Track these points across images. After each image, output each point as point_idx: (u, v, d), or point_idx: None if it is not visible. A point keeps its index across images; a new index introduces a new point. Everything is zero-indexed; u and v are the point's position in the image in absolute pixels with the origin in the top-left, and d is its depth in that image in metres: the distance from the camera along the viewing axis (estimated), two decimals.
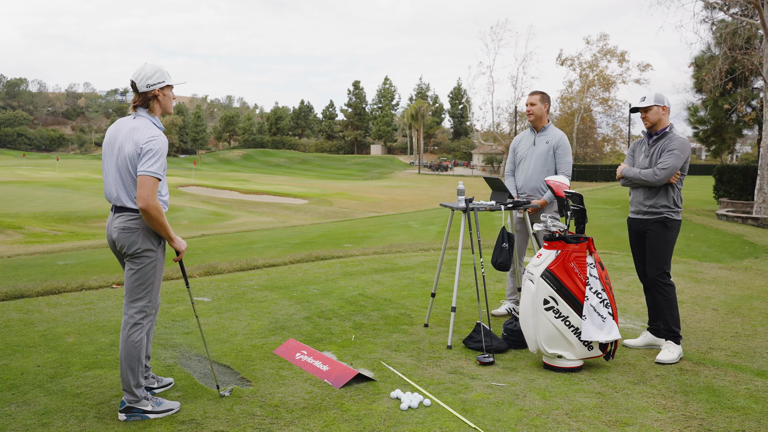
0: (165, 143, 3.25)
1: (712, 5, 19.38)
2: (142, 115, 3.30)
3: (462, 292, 6.39)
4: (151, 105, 3.31)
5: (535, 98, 5.37)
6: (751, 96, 24.62)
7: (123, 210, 3.27)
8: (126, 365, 3.30)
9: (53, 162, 76.80)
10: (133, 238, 3.25)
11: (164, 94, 3.34)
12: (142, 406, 3.32)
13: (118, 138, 3.26)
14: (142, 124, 3.24)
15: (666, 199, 4.44)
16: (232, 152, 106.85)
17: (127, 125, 3.27)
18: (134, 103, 3.32)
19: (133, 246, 3.26)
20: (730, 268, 8.41)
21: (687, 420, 3.33)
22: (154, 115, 3.34)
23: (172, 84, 3.38)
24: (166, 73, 3.34)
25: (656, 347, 4.66)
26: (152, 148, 3.16)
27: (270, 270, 7.67)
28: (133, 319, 3.33)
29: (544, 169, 5.34)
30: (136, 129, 3.22)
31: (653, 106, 4.43)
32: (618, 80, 61.51)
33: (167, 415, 3.34)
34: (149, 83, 3.27)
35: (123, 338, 3.33)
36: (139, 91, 3.28)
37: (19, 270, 9.52)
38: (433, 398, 3.59)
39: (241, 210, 34.06)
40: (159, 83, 3.30)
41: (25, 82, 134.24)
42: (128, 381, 3.30)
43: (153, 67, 3.30)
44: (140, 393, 3.33)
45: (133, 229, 3.25)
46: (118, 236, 3.27)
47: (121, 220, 3.27)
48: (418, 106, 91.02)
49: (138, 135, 3.19)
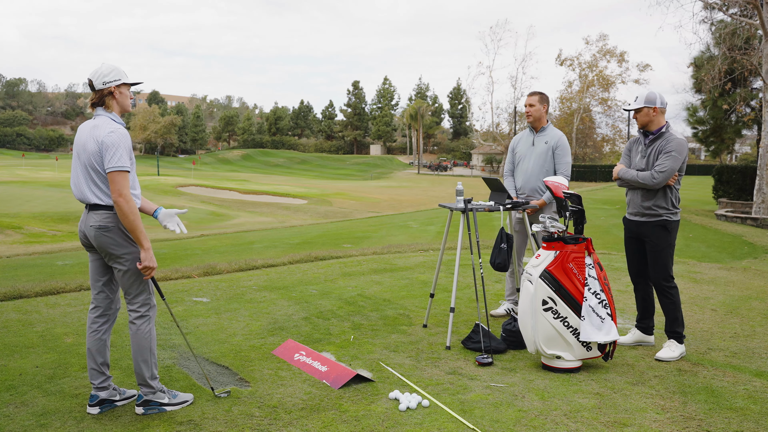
0: (124, 136, 3.28)
1: (712, 6, 19.40)
2: (100, 113, 3.36)
3: (461, 293, 6.39)
4: (107, 102, 3.36)
5: (534, 99, 5.37)
6: (750, 96, 24.65)
7: (96, 208, 3.31)
8: (139, 359, 3.37)
9: (52, 162, 76.78)
10: (110, 237, 3.28)
11: (120, 92, 3.39)
12: (158, 399, 3.39)
13: (81, 138, 3.33)
14: (100, 122, 3.31)
15: (664, 201, 4.43)
16: (232, 152, 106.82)
17: (89, 125, 3.35)
18: (92, 101, 3.39)
19: (113, 248, 3.29)
20: (729, 268, 8.41)
21: (685, 421, 3.33)
22: (112, 111, 3.39)
23: (128, 83, 3.43)
24: (123, 72, 3.41)
25: (645, 345, 4.70)
26: (112, 142, 3.20)
27: (269, 270, 7.67)
28: (137, 313, 3.40)
29: (543, 169, 5.34)
30: (95, 127, 3.29)
31: (643, 108, 4.41)
32: (617, 80, 61.58)
33: (183, 407, 3.42)
34: (105, 81, 3.33)
35: (132, 334, 3.39)
36: (95, 89, 3.34)
37: (17, 270, 9.52)
38: (431, 399, 3.59)
39: (240, 210, 34.05)
40: (114, 81, 3.35)
41: (25, 82, 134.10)
42: (143, 374, 3.37)
43: (109, 67, 3.37)
44: (156, 385, 3.40)
45: (108, 227, 3.28)
46: (95, 236, 3.30)
47: (96, 218, 3.30)
48: (418, 106, 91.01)
49: (97, 132, 3.25)
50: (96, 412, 3.35)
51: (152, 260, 3.32)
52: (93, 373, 3.41)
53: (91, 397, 3.39)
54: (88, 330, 3.46)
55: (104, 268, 3.45)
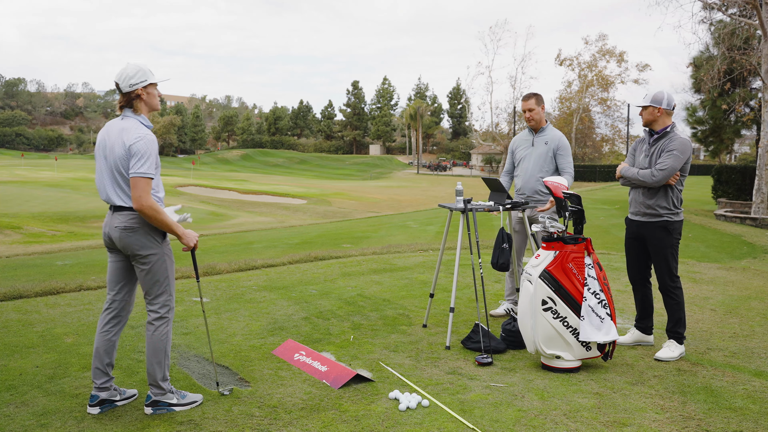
0: (153, 142, 3.28)
1: (711, 6, 19.41)
2: (128, 115, 3.34)
3: (460, 293, 6.40)
4: (135, 104, 3.34)
5: (531, 103, 5.34)
6: (750, 96, 24.66)
7: (122, 209, 3.30)
8: (153, 360, 3.38)
9: (52, 162, 76.72)
10: (135, 238, 3.28)
11: (148, 93, 3.37)
12: (167, 400, 3.40)
13: (108, 140, 3.30)
14: (129, 125, 3.28)
15: (665, 201, 4.43)
16: (231, 152, 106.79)
17: (116, 127, 3.32)
18: (120, 104, 3.36)
19: (138, 248, 3.29)
20: (728, 268, 8.42)
21: (685, 420, 3.34)
22: (141, 113, 3.37)
23: (155, 82, 3.41)
24: (149, 71, 3.38)
25: (644, 345, 4.70)
26: (139, 149, 3.19)
27: (269, 270, 7.67)
28: (157, 314, 3.41)
29: (542, 170, 5.34)
30: (124, 130, 3.26)
31: (648, 106, 4.43)
32: (617, 80, 61.52)
33: (192, 407, 3.43)
34: (132, 83, 3.31)
35: (149, 334, 3.39)
36: (123, 92, 3.32)
37: (17, 270, 9.51)
38: (431, 399, 3.59)
39: (239, 210, 34.04)
40: (141, 82, 3.33)
41: (24, 82, 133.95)
42: (155, 375, 3.38)
43: (135, 67, 3.34)
44: (166, 386, 3.41)
45: (134, 228, 3.28)
46: (120, 236, 3.29)
47: (120, 219, 3.29)
48: (417, 106, 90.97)
49: (126, 136, 3.23)
50: (96, 412, 3.36)
51: (191, 239, 3.40)
52: (97, 373, 3.42)
53: (92, 397, 3.39)
54: (98, 330, 3.45)
55: (125, 271, 3.45)
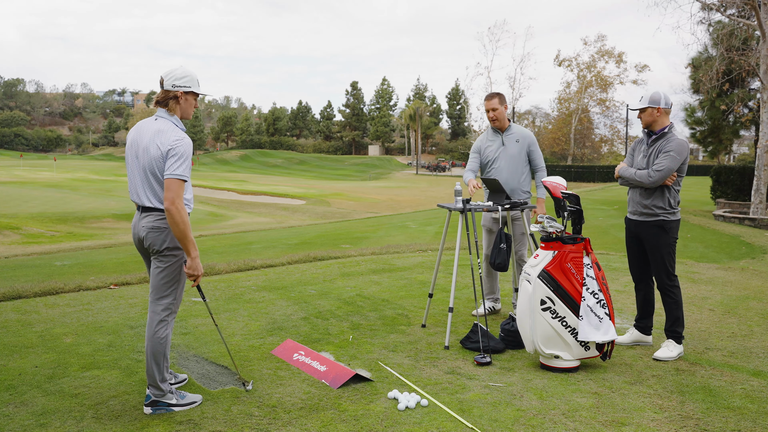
0: (190, 145, 3.29)
1: (709, 6, 19.43)
2: (162, 116, 3.34)
3: (459, 293, 6.40)
4: (171, 105, 3.35)
5: (495, 102, 5.37)
6: (748, 97, 24.65)
7: (150, 210, 3.32)
8: (152, 361, 3.38)
9: (51, 162, 76.70)
10: (162, 236, 3.31)
11: (186, 99, 3.39)
12: (167, 400, 3.41)
13: (142, 140, 3.30)
14: (165, 127, 3.28)
15: (662, 200, 4.45)
16: (230, 153, 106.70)
17: (151, 128, 3.30)
18: (156, 99, 3.37)
19: (163, 244, 3.31)
20: (726, 268, 8.44)
21: (683, 420, 3.35)
22: (174, 115, 3.37)
23: (198, 93, 3.43)
24: (196, 81, 3.40)
25: (643, 344, 4.72)
26: (178, 152, 3.20)
27: (268, 271, 7.68)
28: (159, 316, 3.40)
29: (518, 168, 5.40)
30: (160, 132, 3.26)
31: (647, 108, 4.44)
32: (615, 81, 61.65)
33: (191, 408, 3.44)
34: (176, 83, 3.33)
35: (149, 335, 3.39)
36: (163, 87, 3.34)
37: (16, 270, 9.51)
38: (430, 398, 3.60)
39: (238, 210, 34.03)
40: (184, 87, 3.35)
41: (23, 83, 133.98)
42: (154, 376, 3.39)
43: (184, 71, 3.37)
44: (165, 387, 3.42)
45: (161, 228, 3.31)
46: (147, 235, 3.32)
47: (149, 219, 3.32)
48: (416, 107, 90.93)
49: (163, 138, 3.23)
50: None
51: (198, 268, 3.34)
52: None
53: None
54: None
55: None
